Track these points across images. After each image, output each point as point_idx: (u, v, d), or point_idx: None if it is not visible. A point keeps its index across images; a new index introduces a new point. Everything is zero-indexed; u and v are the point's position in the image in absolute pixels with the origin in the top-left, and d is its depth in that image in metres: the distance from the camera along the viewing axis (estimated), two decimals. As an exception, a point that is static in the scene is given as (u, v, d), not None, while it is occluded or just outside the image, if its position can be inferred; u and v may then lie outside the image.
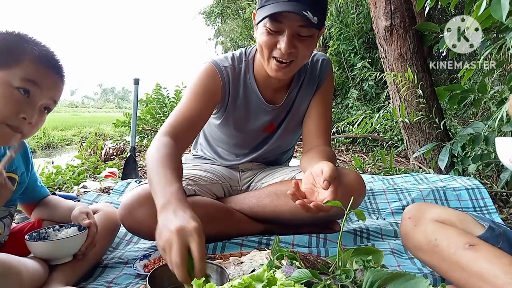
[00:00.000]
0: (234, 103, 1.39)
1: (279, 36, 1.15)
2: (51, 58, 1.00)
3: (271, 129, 1.47)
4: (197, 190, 1.36)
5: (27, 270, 0.91)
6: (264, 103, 1.39)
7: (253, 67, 1.38)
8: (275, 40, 1.16)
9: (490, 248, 0.82)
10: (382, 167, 3.09)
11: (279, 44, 1.15)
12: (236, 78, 1.37)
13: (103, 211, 1.23)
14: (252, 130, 1.45)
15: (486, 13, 1.63)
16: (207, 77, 1.33)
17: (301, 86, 1.42)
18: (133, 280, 1.09)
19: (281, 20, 1.13)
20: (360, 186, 1.30)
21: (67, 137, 9.41)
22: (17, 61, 0.92)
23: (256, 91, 1.38)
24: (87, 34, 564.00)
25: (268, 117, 1.43)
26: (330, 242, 1.32)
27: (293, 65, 1.21)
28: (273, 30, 1.15)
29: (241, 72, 1.37)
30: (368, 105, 5.06)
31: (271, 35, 1.16)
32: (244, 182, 1.55)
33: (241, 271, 1.02)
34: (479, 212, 1.66)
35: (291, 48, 1.15)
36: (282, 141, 1.52)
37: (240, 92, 1.38)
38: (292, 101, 1.43)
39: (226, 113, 1.40)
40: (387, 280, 0.72)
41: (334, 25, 5.50)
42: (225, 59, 1.38)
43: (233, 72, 1.36)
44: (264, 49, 1.19)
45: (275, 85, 1.38)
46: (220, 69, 1.35)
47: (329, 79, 1.44)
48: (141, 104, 6.33)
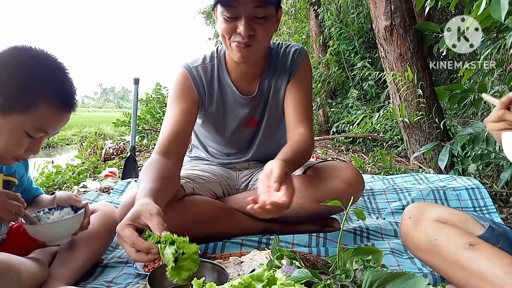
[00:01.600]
0: (211, 99, 1.41)
1: (237, 21, 1.19)
2: (66, 99, 0.98)
3: (253, 124, 1.46)
4: (196, 187, 1.36)
5: (26, 270, 0.91)
6: (239, 94, 1.40)
7: (225, 62, 1.40)
8: (234, 25, 1.19)
9: (491, 248, 0.82)
10: (382, 167, 3.09)
11: (238, 29, 1.19)
12: (208, 75, 1.39)
13: (101, 210, 1.23)
14: (233, 128, 1.45)
15: (485, 13, 1.63)
16: (180, 83, 1.37)
17: (274, 75, 1.42)
18: (133, 280, 1.09)
19: (234, 4, 1.16)
20: (357, 180, 1.31)
21: (67, 136, 9.41)
22: (33, 106, 0.92)
23: (230, 85, 1.40)
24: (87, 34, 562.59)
25: (245, 110, 1.43)
26: (330, 242, 1.32)
27: (255, 47, 1.24)
28: (229, 16, 1.19)
29: (214, 69, 1.40)
30: (368, 105, 5.06)
31: (229, 22, 1.20)
32: (242, 181, 1.55)
33: (241, 271, 1.02)
34: (479, 212, 1.66)
35: (250, 31, 1.18)
36: (271, 135, 1.51)
37: (215, 88, 1.40)
38: (267, 91, 1.43)
39: (205, 111, 1.43)
40: (386, 279, 0.72)
41: (334, 25, 5.50)
42: (196, 60, 1.41)
43: (204, 70, 1.39)
44: (225, 36, 1.23)
45: (247, 73, 1.39)
46: (191, 70, 1.38)
47: (304, 66, 1.42)
48: (141, 104, 6.33)
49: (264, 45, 1.28)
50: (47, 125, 0.96)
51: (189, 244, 0.80)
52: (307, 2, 6.35)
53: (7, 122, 0.92)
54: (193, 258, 0.79)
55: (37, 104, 0.92)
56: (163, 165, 1.16)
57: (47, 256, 1.07)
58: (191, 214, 1.26)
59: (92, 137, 6.07)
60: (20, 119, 0.92)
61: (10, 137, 0.93)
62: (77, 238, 1.11)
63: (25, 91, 0.92)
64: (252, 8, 1.16)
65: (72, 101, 0.99)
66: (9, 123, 0.92)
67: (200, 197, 1.34)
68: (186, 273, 0.78)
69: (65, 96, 0.98)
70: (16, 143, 0.94)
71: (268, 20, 1.22)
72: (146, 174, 1.10)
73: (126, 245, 0.84)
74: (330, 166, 1.37)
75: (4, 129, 0.92)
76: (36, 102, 0.92)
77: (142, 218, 0.86)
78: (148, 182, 1.05)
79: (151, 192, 1.00)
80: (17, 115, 0.91)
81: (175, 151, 1.25)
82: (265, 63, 1.41)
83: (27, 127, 0.93)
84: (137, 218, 0.87)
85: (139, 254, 0.82)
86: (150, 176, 1.08)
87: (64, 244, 1.09)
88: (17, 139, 0.94)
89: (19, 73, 0.92)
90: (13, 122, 0.92)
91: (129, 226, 0.85)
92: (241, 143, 1.51)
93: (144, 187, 1.02)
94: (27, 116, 0.92)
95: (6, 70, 0.92)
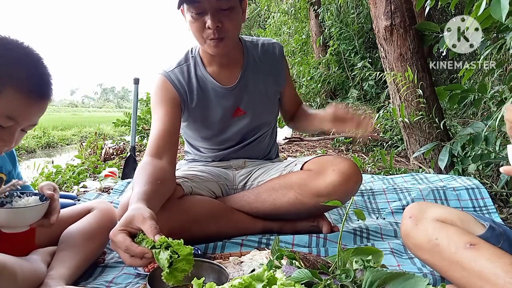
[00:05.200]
0: (192, 96, 1.43)
1: (204, 16, 1.24)
2: (37, 86, 0.92)
3: (241, 113, 1.48)
4: (194, 186, 1.36)
5: (22, 270, 0.89)
6: (219, 85, 1.43)
7: (201, 59, 1.44)
8: (202, 22, 1.25)
9: (491, 247, 0.82)
10: (382, 167, 3.09)
11: (206, 23, 1.24)
12: (186, 75, 1.43)
13: (98, 208, 1.22)
14: (219, 118, 1.47)
15: (486, 13, 1.63)
16: (159, 88, 1.41)
17: (254, 65, 1.48)
18: (133, 280, 1.09)
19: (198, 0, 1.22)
20: (355, 173, 1.32)
21: (67, 136, 9.41)
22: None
23: (209, 78, 1.43)
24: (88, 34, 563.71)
25: (229, 101, 1.45)
26: (330, 242, 1.32)
27: (227, 40, 1.30)
28: (195, 12, 1.24)
29: (191, 68, 1.44)
30: (368, 105, 5.06)
31: (197, 19, 1.26)
32: (240, 181, 1.54)
33: (241, 271, 1.02)
34: (479, 212, 1.66)
35: (217, 23, 1.24)
36: (260, 123, 1.53)
37: (194, 84, 1.43)
38: (250, 82, 1.47)
39: (189, 110, 1.44)
40: (386, 279, 0.72)
41: (334, 25, 5.50)
42: (171, 65, 1.46)
43: (181, 71, 1.43)
44: (197, 34, 1.29)
45: (224, 65, 1.43)
46: (168, 75, 1.42)
47: (285, 62, 1.57)
48: (141, 104, 6.33)
49: (235, 36, 1.35)
50: (16, 113, 0.89)
51: (184, 246, 0.81)
52: (307, 2, 6.35)
53: None
54: (187, 259, 0.80)
55: (1, 89, 0.86)
56: (155, 166, 1.17)
57: (46, 256, 1.06)
58: (190, 214, 1.26)
59: (92, 137, 6.07)
60: None
61: None
62: (75, 237, 1.10)
63: None
64: (215, 1, 1.22)
65: (42, 88, 0.94)
66: None
67: (199, 197, 1.34)
68: (181, 274, 0.80)
69: (33, 82, 0.92)
70: None
71: (234, 11, 1.28)
72: (138, 177, 1.11)
73: (120, 251, 0.85)
74: (327, 160, 1.38)
75: None
76: (1, 87, 0.86)
77: (135, 222, 0.87)
78: (140, 185, 1.05)
79: (144, 195, 1.00)
80: None
81: (166, 150, 1.26)
82: (241, 54, 1.47)
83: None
84: (129, 223, 0.87)
85: (133, 259, 0.83)
86: (142, 179, 1.09)
87: (62, 244, 1.08)
88: None
89: None
90: None
91: (122, 231, 0.86)
92: (232, 134, 1.52)
93: (137, 191, 1.02)
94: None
95: None
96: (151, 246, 0.81)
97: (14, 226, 0.99)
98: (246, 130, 1.51)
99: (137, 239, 0.85)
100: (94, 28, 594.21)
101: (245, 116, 1.48)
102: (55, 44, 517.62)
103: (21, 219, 0.98)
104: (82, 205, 1.29)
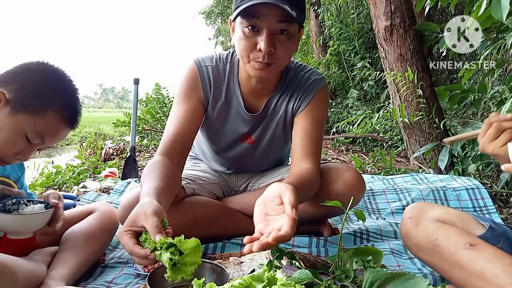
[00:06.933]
0: (214, 104, 1.33)
1: (258, 36, 1.10)
2: (72, 114, 1.04)
3: (249, 141, 1.39)
4: (197, 189, 1.36)
5: (22, 270, 0.90)
6: (244, 110, 1.32)
7: (238, 71, 1.32)
8: (254, 41, 1.11)
9: (491, 248, 0.82)
10: (382, 167, 3.09)
11: (258, 44, 1.10)
12: (218, 79, 1.31)
13: (99, 210, 1.23)
14: (228, 141, 1.39)
15: (486, 13, 1.63)
16: (187, 81, 1.31)
17: (284, 97, 1.33)
18: (133, 280, 1.09)
19: (257, 15, 1.08)
20: (359, 183, 1.29)
21: (67, 136, 9.41)
22: (41, 111, 0.97)
23: (238, 97, 1.32)
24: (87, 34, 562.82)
25: (245, 127, 1.36)
26: (330, 243, 1.32)
27: (274, 67, 1.17)
28: (250, 29, 1.10)
29: (225, 74, 1.32)
30: (368, 105, 5.06)
31: (249, 37, 1.11)
32: (241, 183, 1.54)
33: (241, 271, 1.02)
34: (479, 212, 1.66)
35: (271, 47, 1.10)
36: (267, 156, 1.46)
37: (222, 94, 1.32)
38: (272, 112, 1.35)
39: (206, 114, 1.35)
40: (386, 280, 0.72)
41: (334, 25, 5.50)
42: (209, 59, 1.33)
43: (214, 72, 1.31)
44: (243, 52, 1.14)
45: (257, 90, 1.31)
46: (201, 68, 1.31)
47: (319, 97, 1.32)
48: (141, 104, 6.32)
49: (284, 65, 1.22)
50: (47, 133, 0.99)
51: (187, 241, 0.81)
52: (307, 2, 6.35)
53: (12, 120, 0.95)
54: (195, 252, 0.81)
55: (45, 110, 0.97)
56: (166, 165, 1.15)
57: (46, 257, 1.06)
58: (192, 215, 1.25)
59: (92, 137, 6.07)
60: (26, 119, 0.96)
61: (9, 135, 0.96)
62: (76, 238, 1.10)
63: (39, 95, 0.97)
64: (275, 22, 1.09)
65: (76, 118, 1.06)
66: (14, 121, 0.95)
67: (200, 198, 1.34)
68: (190, 268, 0.80)
69: (72, 111, 1.04)
70: (12, 142, 0.96)
71: (290, 38, 1.14)
72: (149, 174, 1.09)
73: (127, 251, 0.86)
74: (331, 168, 1.34)
75: (7, 126, 0.95)
76: (46, 108, 0.97)
77: (138, 220, 0.86)
78: (151, 181, 1.04)
79: (155, 190, 0.99)
80: (25, 115, 0.96)
81: (178, 153, 1.23)
82: (278, 82, 1.33)
83: (28, 130, 0.96)
84: (134, 222, 0.87)
85: (140, 260, 0.84)
86: (153, 175, 1.07)
87: (64, 244, 1.08)
88: (15, 139, 0.96)
89: (38, 78, 0.99)
90: (18, 121, 0.95)
91: (127, 233, 0.85)
92: (236, 156, 1.44)
93: (148, 186, 1.01)
94: (32, 119, 0.96)
95: (28, 72, 1.00)
96: (153, 248, 0.81)
97: (19, 232, 1.02)
98: (251, 157, 1.45)
99: (141, 238, 0.85)
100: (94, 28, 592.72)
101: (253, 146, 1.40)
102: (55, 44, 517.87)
103: (26, 225, 1.02)
104: (83, 206, 1.30)
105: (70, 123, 1.04)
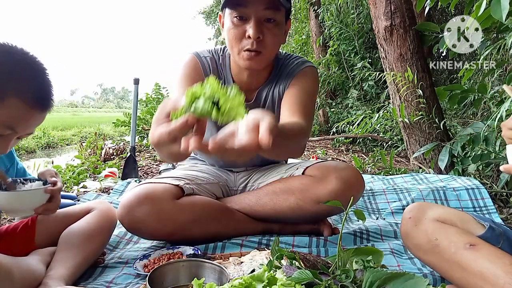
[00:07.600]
0: None
1: (246, 24, 1.17)
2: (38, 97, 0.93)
3: None
4: (196, 189, 1.36)
5: (19, 270, 0.89)
6: None
7: (229, 63, 1.39)
8: (242, 30, 1.18)
9: (491, 248, 0.82)
10: (382, 167, 3.09)
11: (247, 32, 1.17)
12: (215, 69, 1.38)
13: (98, 208, 1.22)
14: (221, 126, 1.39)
15: (486, 13, 1.63)
16: (188, 66, 1.35)
17: (274, 85, 1.39)
18: (133, 280, 1.09)
19: (244, 3, 1.15)
20: (358, 181, 1.30)
21: (67, 137, 9.40)
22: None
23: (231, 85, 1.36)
24: (87, 34, 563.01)
25: None
26: (330, 243, 1.32)
27: (263, 56, 1.22)
28: (238, 17, 1.17)
29: (219, 64, 1.39)
30: (368, 105, 5.06)
31: (238, 26, 1.18)
32: (240, 183, 1.54)
33: (241, 271, 1.02)
34: (479, 212, 1.66)
35: (259, 33, 1.16)
36: None
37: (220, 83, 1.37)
38: (263, 102, 1.40)
39: None
40: (386, 280, 0.72)
41: (334, 25, 5.50)
42: (206, 51, 1.40)
43: (213, 62, 1.38)
44: (233, 42, 1.20)
45: (248, 82, 1.36)
46: (201, 58, 1.37)
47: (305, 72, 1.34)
48: (141, 104, 6.33)
49: (272, 53, 1.26)
50: (15, 122, 0.90)
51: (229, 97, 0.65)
52: (307, 2, 6.36)
53: None
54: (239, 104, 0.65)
55: (3, 98, 0.87)
56: None
57: (45, 257, 1.06)
58: (191, 214, 1.25)
59: (92, 137, 6.06)
60: None
61: None
62: (74, 237, 1.10)
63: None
64: (262, 10, 1.15)
65: (45, 100, 0.94)
66: None
67: (200, 197, 1.34)
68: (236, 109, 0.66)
69: (37, 93, 0.92)
70: None
71: (278, 26, 1.20)
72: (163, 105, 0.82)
73: None
74: (330, 167, 1.35)
75: None
76: (3, 95, 0.87)
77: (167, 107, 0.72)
78: None
79: None
80: None
81: None
82: (268, 75, 1.39)
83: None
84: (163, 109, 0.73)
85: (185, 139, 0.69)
86: None
87: (62, 244, 1.08)
88: None
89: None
90: None
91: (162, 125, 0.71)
92: None
93: None
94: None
95: None
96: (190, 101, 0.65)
97: (18, 210, 0.99)
98: None
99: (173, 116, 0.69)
100: (94, 28, 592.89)
101: None
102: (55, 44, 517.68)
103: (26, 202, 0.98)
104: (81, 205, 1.29)
105: (38, 107, 0.93)
